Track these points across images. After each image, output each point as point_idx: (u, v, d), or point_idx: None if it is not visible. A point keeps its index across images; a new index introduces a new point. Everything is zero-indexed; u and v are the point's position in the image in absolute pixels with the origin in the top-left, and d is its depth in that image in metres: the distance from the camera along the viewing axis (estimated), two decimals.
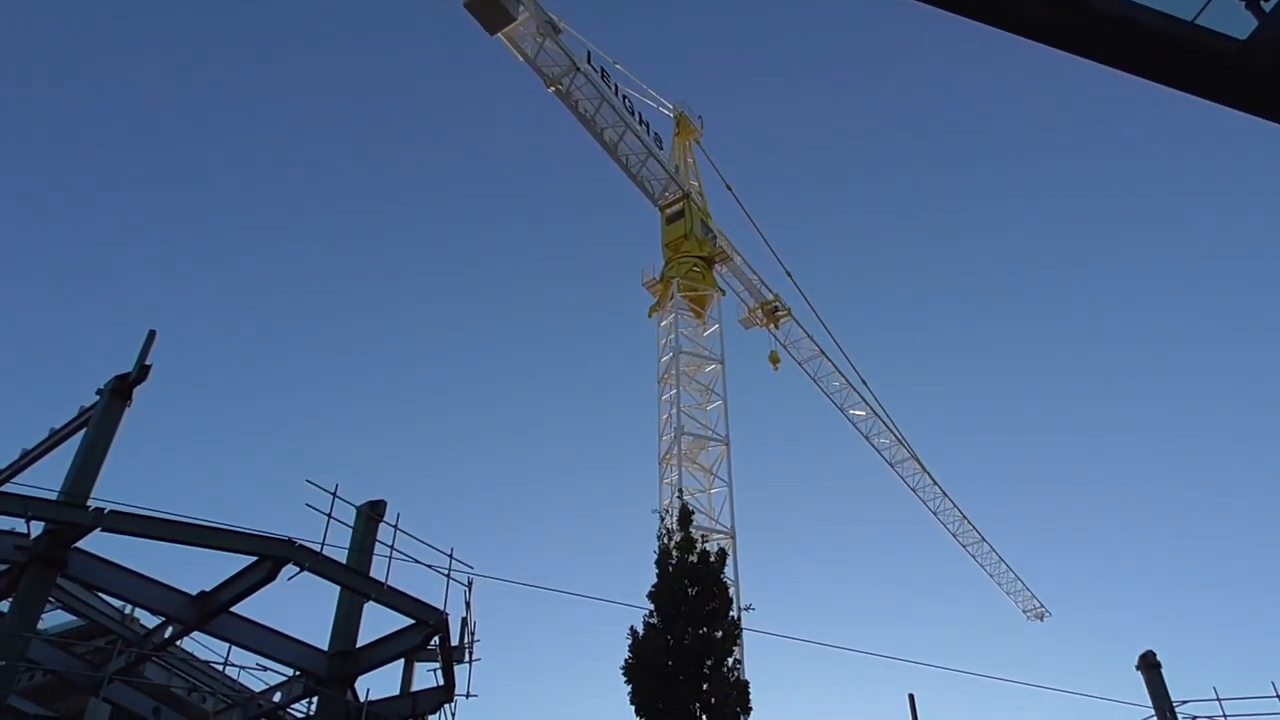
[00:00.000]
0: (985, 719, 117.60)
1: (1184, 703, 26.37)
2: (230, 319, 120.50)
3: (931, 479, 62.07)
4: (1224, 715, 24.63)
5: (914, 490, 62.19)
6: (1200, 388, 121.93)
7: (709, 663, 13.92)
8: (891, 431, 60.70)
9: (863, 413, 60.43)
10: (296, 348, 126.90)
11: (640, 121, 54.60)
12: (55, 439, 21.58)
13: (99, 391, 20.13)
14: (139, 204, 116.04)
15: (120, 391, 19.80)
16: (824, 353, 59.31)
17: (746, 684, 14.12)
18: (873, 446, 61.43)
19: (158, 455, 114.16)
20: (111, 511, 17.93)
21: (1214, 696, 24.92)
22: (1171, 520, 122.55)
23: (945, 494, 62.51)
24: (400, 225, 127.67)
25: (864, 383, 59.75)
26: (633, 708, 13.67)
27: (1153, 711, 26.55)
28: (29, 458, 21.99)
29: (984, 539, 64.23)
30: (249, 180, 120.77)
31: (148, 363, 20.08)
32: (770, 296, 59.52)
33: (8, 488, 20.37)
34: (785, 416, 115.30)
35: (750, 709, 13.91)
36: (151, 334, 20.39)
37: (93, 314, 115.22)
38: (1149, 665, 27.34)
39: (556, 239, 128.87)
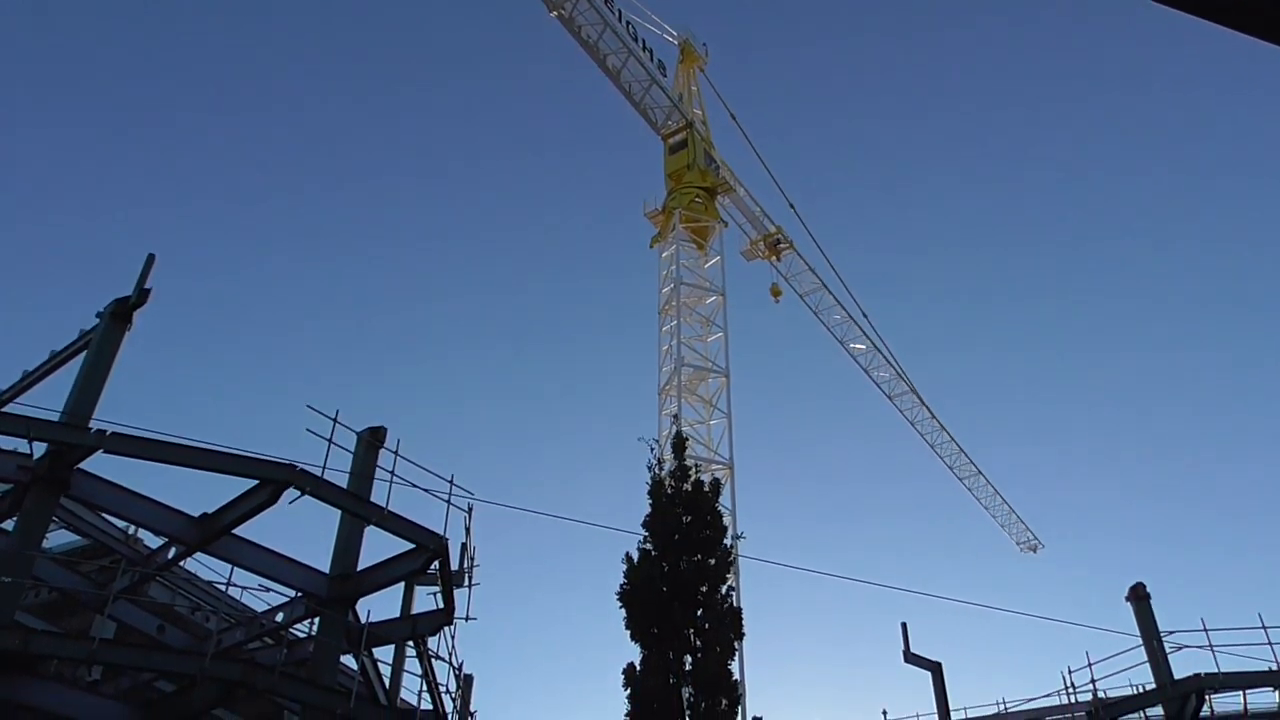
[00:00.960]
0: (978, 648, 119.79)
1: (1171, 633, 26.81)
2: (228, 242, 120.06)
3: (930, 412, 62.35)
4: (1210, 645, 25.05)
5: (912, 424, 62.51)
6: (1196, 323, 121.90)
7: (703, 589, 14.12)
8: (891, 365, 60.82)
9: (863, 346, 60.49)
10: (295, 274, 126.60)
11: (644, 49, 53.75)
12: (56, 361, 21.63)
13: (99, 314, 20.13)
14: (137, 125, 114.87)
15: (119, 315, 19.79)
16: (825, 286, 59.18)
17: (739, 610, 14.35)
18: (872, 380, 61.63)
19: (158, 380, 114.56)
20: (113, 433, 18.08)
21: (1201, 627, 25.32)
22: (1165, 457, 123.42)
23: (943, 427, 62.85)
24: (400, 149, 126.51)
25: (865, 316, 59.75)
26: (628, 633, 13.84)
27: (1141, 641, 26.99)
28: (30, 379, 22.07)
29: (980, 472, 64.75)
30: (245, 101, 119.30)
31: (147, 286, 20.05)
32: (772, 228, 59.19)
33: (9, 409, 20.47)
34: (785, 350, 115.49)
35: (743, 634, 14.16)
36: (150, 257, 20.33)
37: (92, 237, 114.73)
38: (1138, 596, 27.74)
39: (558, 168, 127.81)
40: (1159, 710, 26.96)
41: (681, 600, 13.90)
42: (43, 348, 22.06)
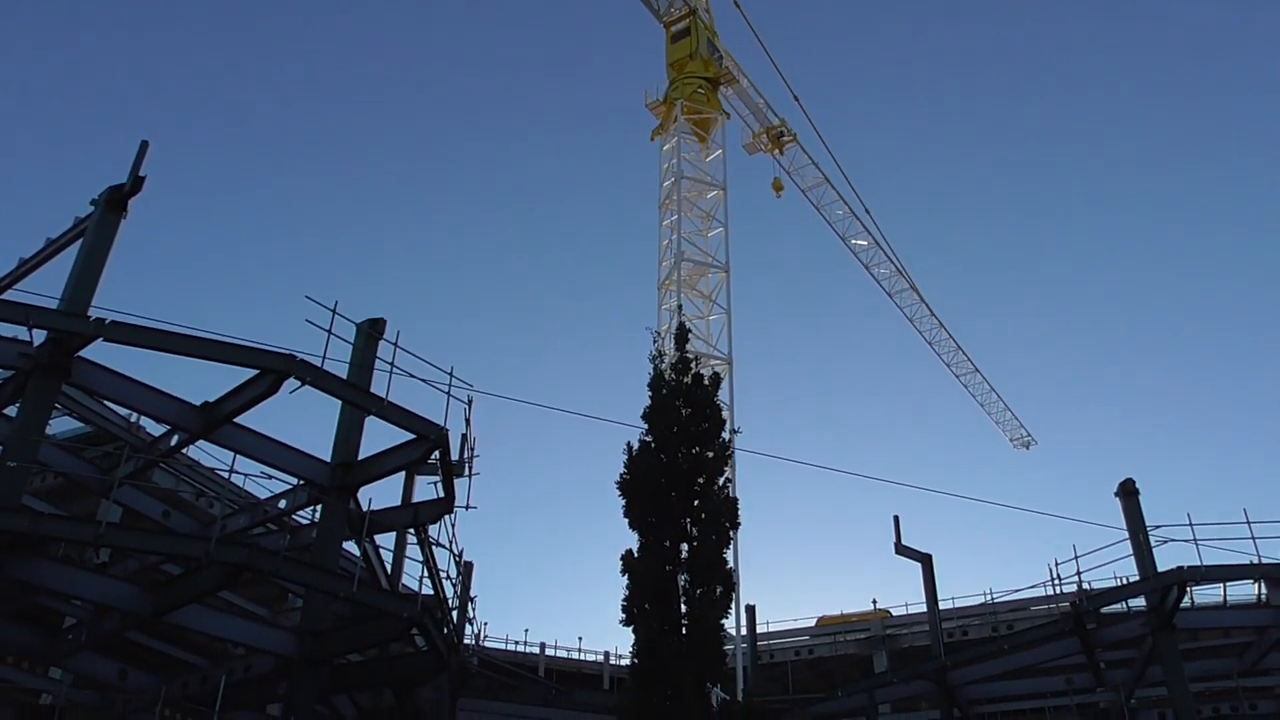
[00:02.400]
0: (968, 542, 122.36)
1: (1157, 527, 27.28)
2: (226, 130, 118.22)
3: (929, 309, 62.37)
4: (1194, 539, 25.50)
5: (911, 320, 62.57)
6: (1191, 224, 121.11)
7: (700, 481, 14.32)
8: (892, 261, 60.59)
9: (864, 242, 60.15)
10: (294, 163, 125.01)
11: None
12: (52, 249, 21.50)
13: (93, 202, 19.92)
14: (132, 7, 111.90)
15: (114, 202, 19.58)
16: (828, 180, 58.50)
17: (735, 501, 14.57)
18: (872, 276, 61.46)
19: (155, 272, 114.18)
20: (112, 322, 18.07)
21: (1187, 522, 25.75)
22: (1159, 356, 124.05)
23: (941, 324, 62.94)
24: (399, 38, 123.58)
25: (867, 212, 59.25)
26: (626, 521, 14.10)
27: (1127, 536, 27.49)
28: (27, 266, 21.96)
29: (976, 369, 65.08)
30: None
31: (142, 174, 19.79)
32: (776, 121, 58.18)
33: (8, 296, 20.42)
34: (786, 245, 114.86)
35: (739, 524, 14.42)
36: (144, 145, 20.00)
37: (89, 125, 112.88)
38: (1127, 492, 28.14)
39: (558, 54, 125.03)
40: (1141, 601, 27.59)
41: (679, 490, 14.11)
42: (38, 235, 21.89)
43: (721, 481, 14.62)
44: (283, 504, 23.00)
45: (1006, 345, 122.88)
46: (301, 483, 21.74)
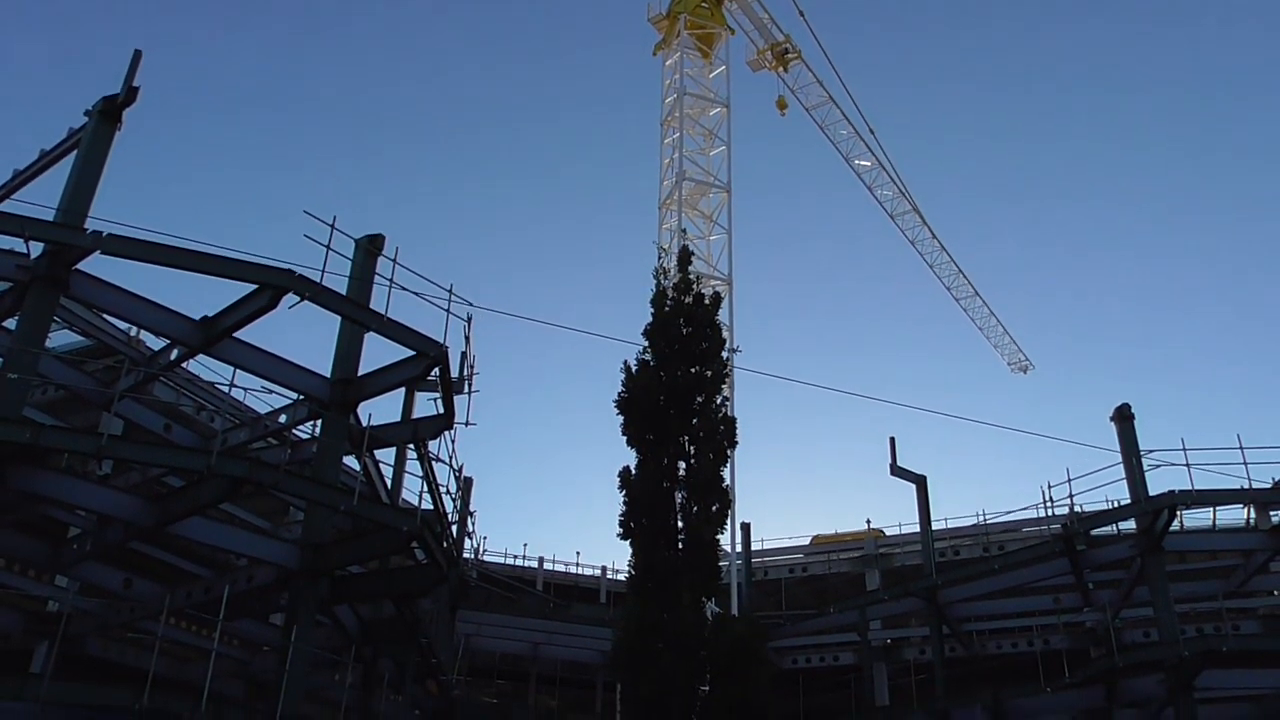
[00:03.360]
0: (963, 464, 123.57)
1: (1150, 451, 27.52)
2: (224, 43, 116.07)
3: (931, 232, 62.01)
4: (1187, 464, 25.75)
5: (912, 243, 62.26)
6: (1192, 145, 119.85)
7: (699, 399, 14.37)
8: (895, 183, 60.05)
9: (868, 163, 59.52)
10: (293, 78, 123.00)
11: None
12: (46, 160, 21.24)
13: (87, 113, 19.62)
14: None
15: (108, 113, 19.28)
16: (833, 99, 57.63)
17: (733, 420, 14.65)
18: (875, 198, 60.95)
19: (151, 186, 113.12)
20: (110, 235, 17.95)
21: (1180, 447, 25.97)
22: (1160, 280, 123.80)
23: (943, 247, 62.65)
24: None
25: (871, 132, 58.52)
26: (625, 439, 14.20)
27: (1121, 459, 27.74)
28: (21, 178, 21.73)
29: (976, 292, 64.97)
30: None
31: (135, 84, 19.46)
32: (780, 37, 57.05)
33: (3, 207, 20.24)
34: (789, 166, 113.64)
35: (736, 443, 14.53)
36: (137, 54, 19.62)
37: (83, 34, 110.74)
38: (1122, 417, 28.31)
39: None
40: (1131, 524, 27.97)
41: (677, 409, 14.19)
42: (32, 146, 21.64)
43: (720, 400, 14.70)
44: (283, 419, 23.13)
45: (1007, 269, 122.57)
46: (301, 398, 21.83)
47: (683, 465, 14.00)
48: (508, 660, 38.30)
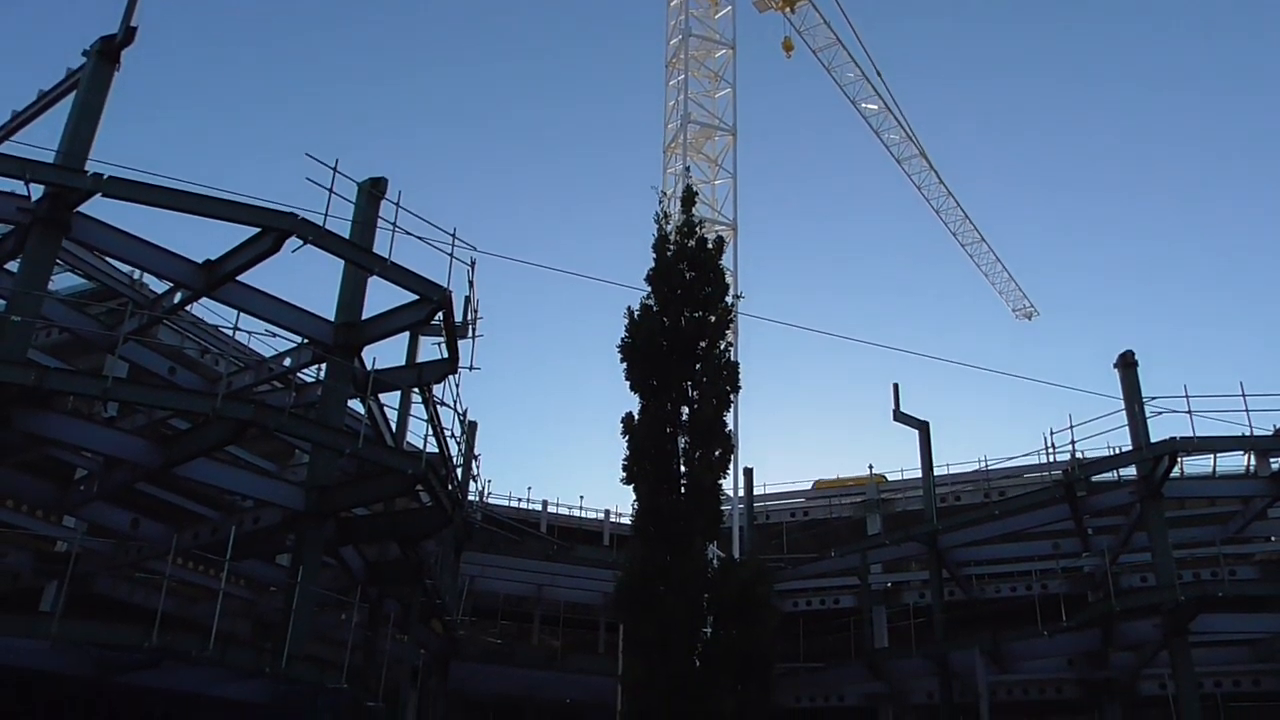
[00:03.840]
0: (966, 411, 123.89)
1: (1153, 398, 27.56)
2: None
3: (937, 176, 61.49)
4: (1189, 411, 25.80)
5: (918, 188, 61.76)
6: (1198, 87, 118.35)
7: (702, 344, 14.35)
8: (902, 127, 59.41)
9: (875, 106, 58.81)
10: (291, 17, 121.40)
11: None
12: (45, 102, 21.07)
13: (85, 54, 19.42)
14: None
15: (107, 53, 19.09)
16: (840, 41, 56.77)
17: (736, 365, 14.66)
18: (882, 142, 60.32)
19: (151, 128, 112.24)
20: (111, 177, 17.87)
21: (1183, 394, 26.00)
22: (1166, 226, 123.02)
23: (949, 191, 62.16)
24: None
25: (879, 75, 57.75)
26: (628, 384, 14.22)
27: (1124, 406, 27.80)
28: (20, 120, 21.57)
29: (982, 238, 64.58)
30: None
31: (133, 24, 19.23)
32: None
33: (3, 149, 20.11)
34: (794, 109, 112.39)
35: (739, 388, 14.53)
36: None
37: None
38: (1126, 364, 28.32)
39: None
40: (1132, 471, 28.11)
41: (681, 354, 14.17)
42: (30, 88, 21.42)
43: (723, 346, 14.68)
44: (287, 362, 23.19)
45: (1012, 215, 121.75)
46: (305, 342, 21.87)
47: (685, 410, 14.01)
48: (511, 601, 38.78)
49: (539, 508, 43.20)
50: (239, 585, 28.05)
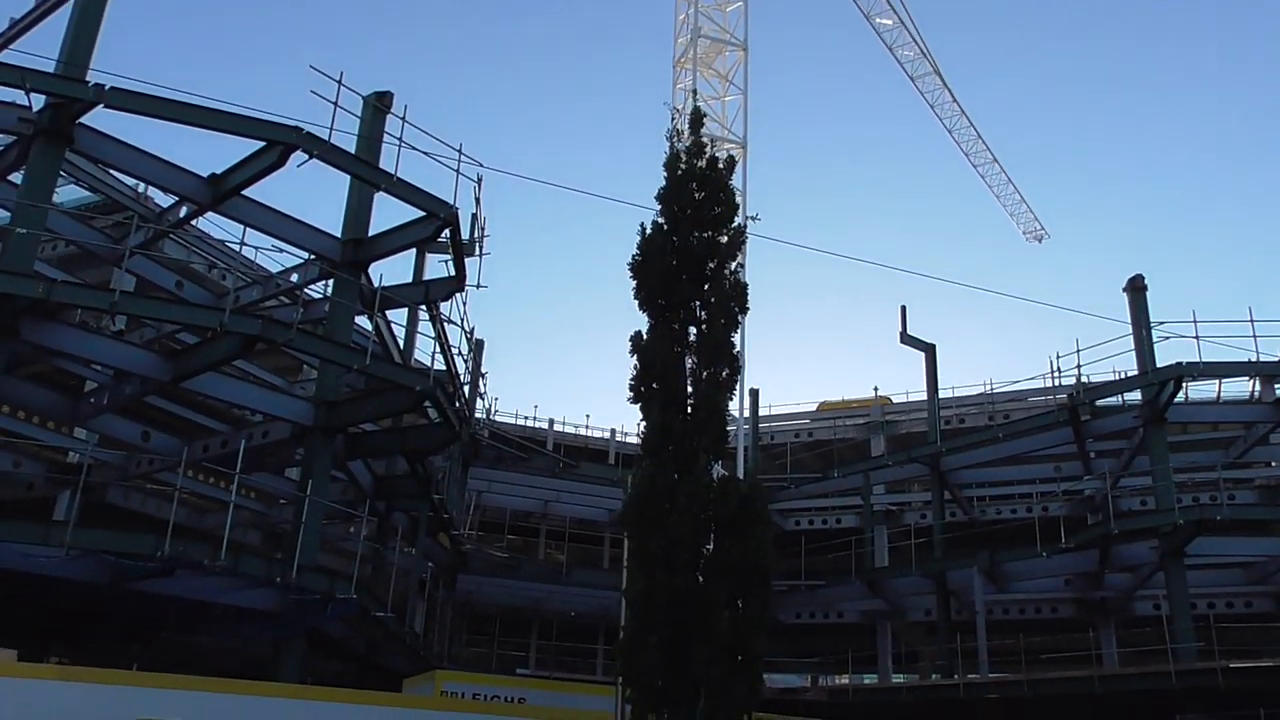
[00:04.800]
0: (974, 334, 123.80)
1: (1161, 323, 27.53)
2: None
3: (951, 95, 60.36)
4: (1196, 336, 25.81)
5: (932, 106, 60.67)
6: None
7: (711, 265, 14.29)
8: (916, 43, 58.13)
9: (889, 21, 57.51)
10: None
11: None
12: (44, 9, 20.75)
13: None
14: None
15: None
16: None
17: (745, 286, 14.61)
18: (895, 59, 59.09)
19: (153, 40, 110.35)
20: (113, 88, 17.67)
21: (1190, 319, 25.96)
22: (1182, 151, 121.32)
23: (963, 111, 61.10)
24: None
25: None
26: (636, 303, 14.21)
27: (1131, 330, 27.80)
28: (18, 27, 21.24)
29: (995, 158, 63.66)
30: None
31: None
32: None
33: (3, 57, 19.83)
34: (807, 24, 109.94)
35: (747, 309, 14.48)
36: None
37: None
38: (1135, 288, 28.24)
39: None
40: (1137, 396, 28.21)
41: (690, 274, 14.10)
42: None
43: (733, 266, 14.63)
44: (294, 278, 23.19)
45: (1026, 138, 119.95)
46: (312, 257, 21.83)
47: (694, 331, 14.02)
48: (518, 516, 39.35)
49: (546, 426, 43.52)
50: (249, 497, 28.46)
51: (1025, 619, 34.25)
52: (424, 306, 24.27)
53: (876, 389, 43.91)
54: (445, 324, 25.68)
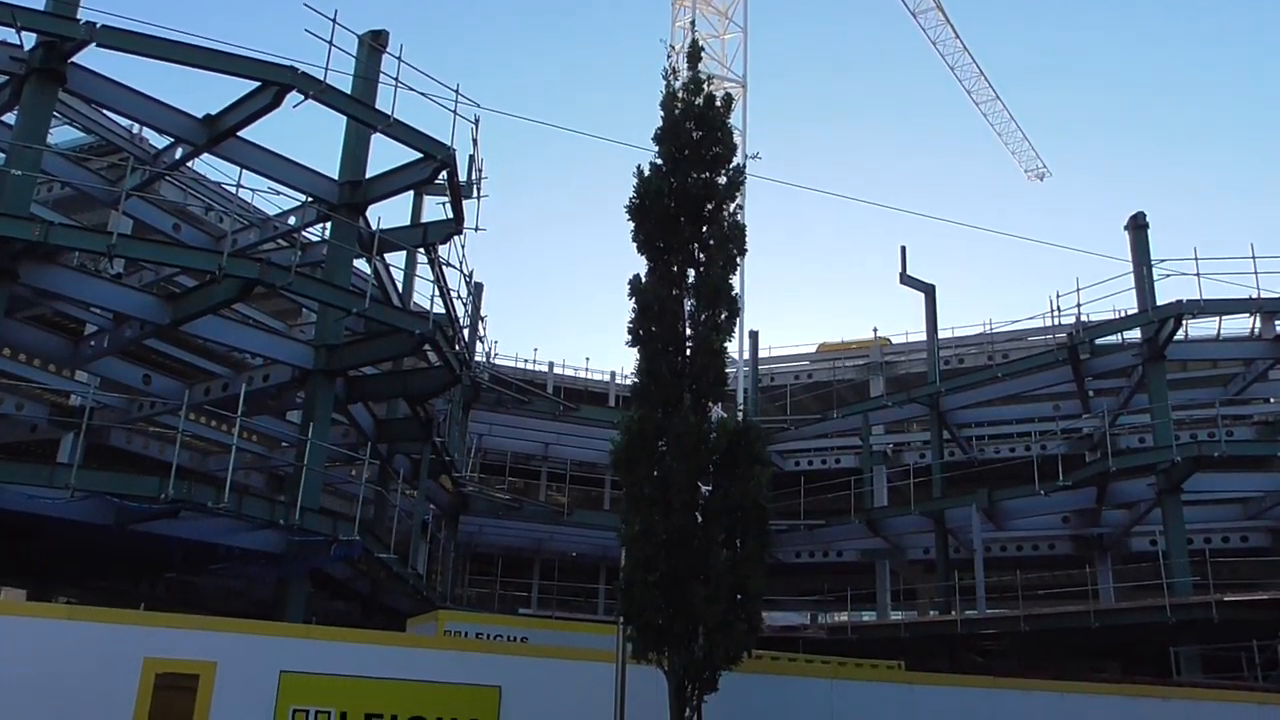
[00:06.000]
0: (975, 275, 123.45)
1: (1162, 260, 27.45)
2: None
3: (954, 30, 59.57)
4: (1197, 273, 25.75)
5: (934, 43, 59.92)
6: None
7: (709, 207, 14.16)
8: None
9: None
10: None
11: None
12: None
13: None
14: None
15: None
16: None
17: (744, 228, 14.49)
18: None
19: None
20: (104, 26, 17.45)
21: (1192, 256, 25.88)
22: (1186, 87, 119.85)
23: (965, 47, 60.34)
24: None
25: None
26: (635, 245, 14.11)
27: (1132, 269, 27.74)
28: None
29: (997, 95, 63.01)
30: None
31: None
32: None
33: None
34: None
35: (746, 251, 14.39)
36: None
37: None
38: (1137, 225, 28.12)
39: None
40: (1137, 334, 28.21)
41: (688, 215, 13.98)
42: None
43: (732, 208, 14.49)
44: (292, 221, 23.07)
45: (1028, 76, 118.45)
46: (310, 200, 21.70)
47: (692, 273, 13.94)
48: (519, 459, 39.55)
49: (546, 369, 43.58)
50: (251, 441, 28.62)
51: (1023, 556, 34.63)
52: (422, 250, 24.18)
53: (876, 330, 43.91)
54: (444, 267, 25.62)
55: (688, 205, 13.97)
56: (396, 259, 26.66)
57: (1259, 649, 21.93)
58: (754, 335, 40.29)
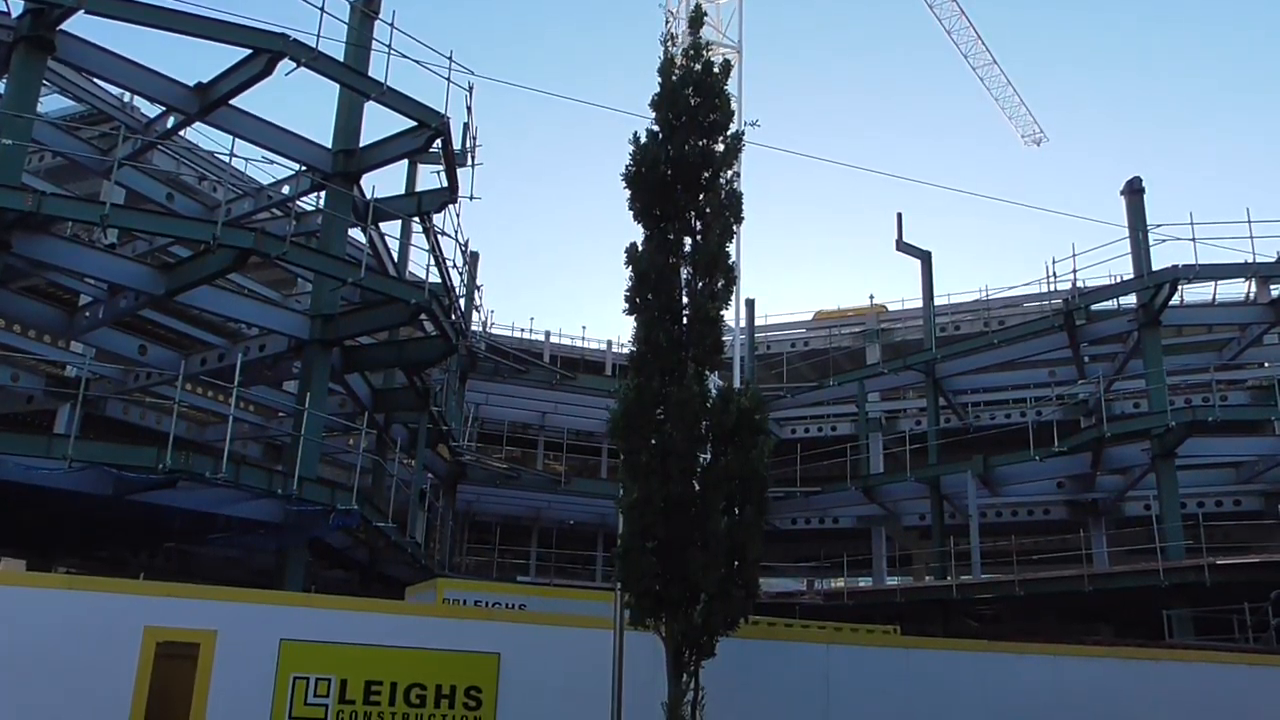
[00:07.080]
0: (971, 241, 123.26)
1: (1158, 226, 27.43)
2: None
3: None
4: (1194, 239, 25.75)
5: (930, 7, 59.54)
6: None
7: (706, 174, 14.06)
8: None
9: None
10: None
11: None
12: None
13: None
14: None
15: None
16: None
17: (741, 196, 14.40)
18: None
19: None
20: None
21: (1188, 221, 25.85)
22: (1178, 51, 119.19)
23: (962, 10, 59.95)
24: None
25: None
26: (632, 214, 14.02)
27: (1128, 234, 27.71)
28: None
29: (994, 60, 62.65)
30: None
31: None
32: None
33: None
34: None
35: (742, 219, 14.31)
36: None
37: None
38: (1133, 190, 28.07)
39: None
40: (1132, 300, 28.24)
41: (685, 183, 13.88)
42: None
43: (729, 175, 14.39)
44: (286, 190, 22.94)
45: (1024, 40, 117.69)
46: (304, 169, 21.57)
47: (689, 241, 13.87)
48: (516, 428, 39.62)
49: (542, 338, 43.56)
50: (248, 411, 28.63)
51: (1018, 521, 34.86)
52: (417, 218, 24.07)
53: (872, 297, 43.92)
54: (439, 236, 25.52)
55: (685, 173, 13.87)
56: (391, 228, 26.54)
57: (1250, 611, 22.16)
58: (750, 303, 40.31)
